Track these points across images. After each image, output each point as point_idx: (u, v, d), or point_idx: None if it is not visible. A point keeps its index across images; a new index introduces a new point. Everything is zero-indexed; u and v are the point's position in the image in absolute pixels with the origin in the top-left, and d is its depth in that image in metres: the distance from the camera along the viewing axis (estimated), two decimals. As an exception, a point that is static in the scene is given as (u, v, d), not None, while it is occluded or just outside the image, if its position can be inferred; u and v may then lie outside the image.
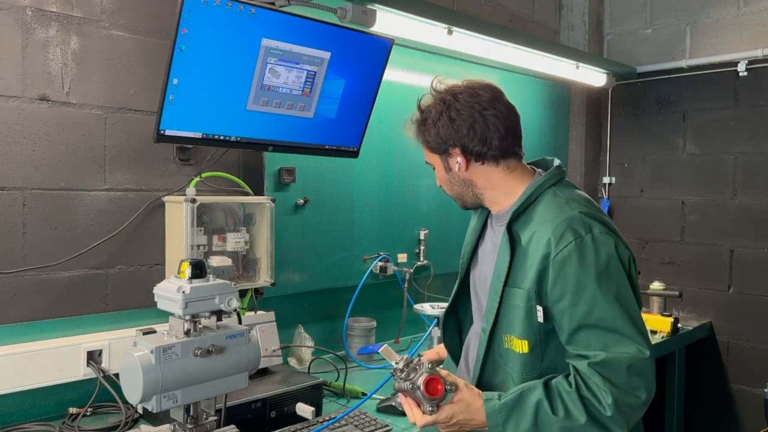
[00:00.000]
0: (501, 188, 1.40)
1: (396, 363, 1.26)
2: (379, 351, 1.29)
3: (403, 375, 1.24)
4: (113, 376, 1.77)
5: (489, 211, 1.49)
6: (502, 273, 1.32)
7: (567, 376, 1.25)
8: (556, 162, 1.42)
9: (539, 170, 1.43)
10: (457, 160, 1.38)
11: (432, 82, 1.45)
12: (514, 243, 1.32)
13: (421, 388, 1.22)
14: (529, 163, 1.45)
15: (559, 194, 1.34)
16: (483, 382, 1.39)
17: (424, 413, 1.23)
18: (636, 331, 1.21)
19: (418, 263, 2.79)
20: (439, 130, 1.37)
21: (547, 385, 1.24)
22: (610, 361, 1.18)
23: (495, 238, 1.42)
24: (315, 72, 1.97)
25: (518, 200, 1.35)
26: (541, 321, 1.27)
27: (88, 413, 1.75)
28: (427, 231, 2.82)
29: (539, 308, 1.27)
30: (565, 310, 1.23)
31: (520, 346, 1.31)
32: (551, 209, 1.31)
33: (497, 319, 1.34)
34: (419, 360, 1.26)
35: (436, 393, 1.23)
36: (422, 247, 2.81)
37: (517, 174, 1.40)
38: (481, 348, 1.39)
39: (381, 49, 2.10)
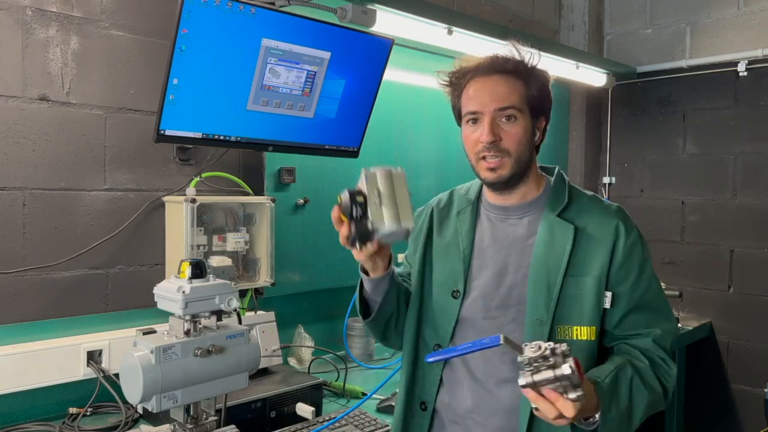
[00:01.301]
0: (534, 176, 1.37)
1: (535, 350, 1.02)
2: (501, 342, 1.02)
3: (551, 362, 1.01)
4: (113, 376, 1.77)
5: (477, 206, 1.42)
6: (559, 263, 1.28)
7: (633, 354, 1.29)
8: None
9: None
10: (540, 129, 1.35)
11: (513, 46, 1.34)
12: (577, 232, 1.30)
13: (577, 376, 1.01)
14: None
15: (582, 190, 1.41)
16: None
17: (573, 401, 1.03)
18: (671, 308, 1.38)
19: (418, 263, 2.78)
20: (546, 96, 1.35)
21: (632, 363, 1.26)
22: (665, 334, 1.31)
23: (504, 230, 1.36)
24: (315, 72, 1.97)
25: (563, 191, 1.36)
26: (608, 307, 1.29)
27: (88, 413, 1.75)
28: (427, 231, 2.81)
29: (608, 294, 1.29)
30: (624, 292, 1.29)
31: (587, 333, 1.28)
32: (596, 201, 1.38)
33: (556, 310, 1.27)
34: (548, 343, 1.04)
35: (582, 376, 1.05)
36: (422, 247, 2.80)
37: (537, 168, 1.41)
38: (543, 336, 1.26)
39: (381, 49, 2.10)
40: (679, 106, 3.48)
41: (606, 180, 3.73)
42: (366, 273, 1.33)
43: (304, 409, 1.75)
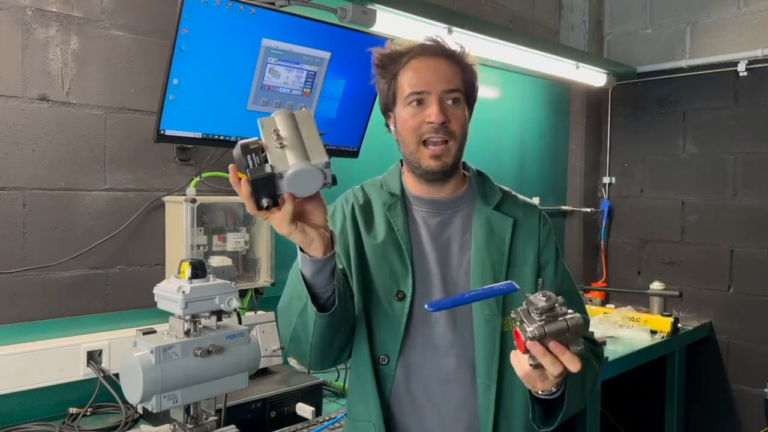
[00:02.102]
0: (461, 170, 1.35)
1: (546, 300, 0.97)
2: (517, 288, 0.97)
3: (561, 310, 0.97)
4: (113, 376, 1.77)
5: (401, 199, 1.32)
6: (501, 255, 1.27)
7: None
8: None
9: None
10: (469, 120, 1.31)
11: (436, 36, 1.30)
12: (515, 224, 1.32)
13: (580, 321, 0.97)
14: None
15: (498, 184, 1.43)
16: (505, 372, 1.22)
17: (578, 354, 0.98)
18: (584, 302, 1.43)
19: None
20: (476, 88, 1.32)
21: None
22: (587, 322, 1.35)
23: (439, 226, 1.30)
24: (315, 72, 1.97)
25: (491, 184, 1.37)
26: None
27: (88, 413, 1.74)
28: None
29: (540, 280, 1.31)
30: (549, 278, 1.32)
31: None
32: (515, 194, 1.41)
33: (504, 302, 1.25)
34: (551, 296, 0.99)
35: None
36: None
37: None
38: (493, 335, 1.23)
39: (381, 49, 2.10)
40: (679, 106, 3.48)
41: (606, 180, 3.74)
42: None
43: (304, 409, 1.75)
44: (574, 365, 0.97)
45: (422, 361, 1.25)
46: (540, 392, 1.08)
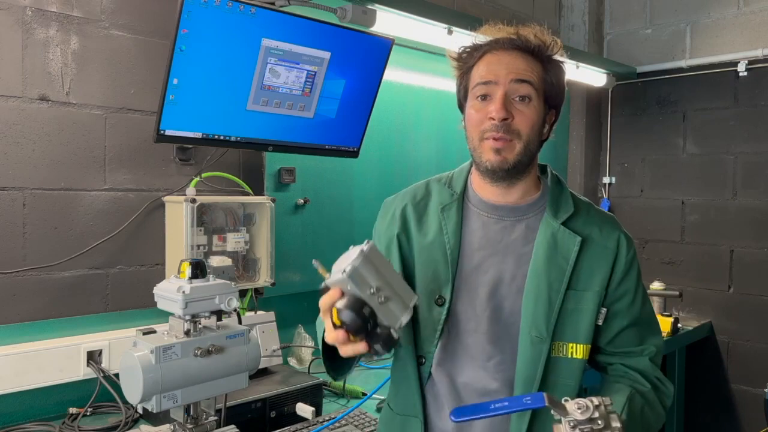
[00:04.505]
0: (534, 174, 1.25)
1: (583, 411, 0.95)
2: (546, 403, 0.93)
3: (600, 424, 0.94)
4: (113, 376, 1.77)
5: (464, 201, 1.27)
6: (562, 275, 1.17)
7: (635, 379, 1.22)
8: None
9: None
10: (549, 123, 1.24)
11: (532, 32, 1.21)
12: (583, 243, 1.20)
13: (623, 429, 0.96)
14: None
15: (578, 195, 1.31)
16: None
17: None
18: (658, 321, 1.31)
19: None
20: (562, 88, 1.24)
21: (639, 392, 1.19)
22: (659, 351, 1.26)
23: (498, 233, 1.22)
24: (315, 72, 1.97)
25: (565, 196, 1.25)
26: (601, 323, 1.20)
27: (88, 413, 1.74)
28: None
29: (603, 310, 1.20)
30: (622, 309, 1.22)
31: (582, 352, 1.19)
32: (595, 210, 1.27)
33: (555, 327, 1.17)
34: (591, 399, 0.97)
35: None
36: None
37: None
38: (537, 359, 1.16)
39: (381, 49, 2.10)
40: (679, 106, 3.48)
41: (606, 180, 3.74)
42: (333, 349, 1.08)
43: (304, 409, 1.75)
44: None
45: (457, 369, 1.21)
46: None
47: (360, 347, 1.00)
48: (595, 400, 0.95)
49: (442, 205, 1.26)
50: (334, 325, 0.99)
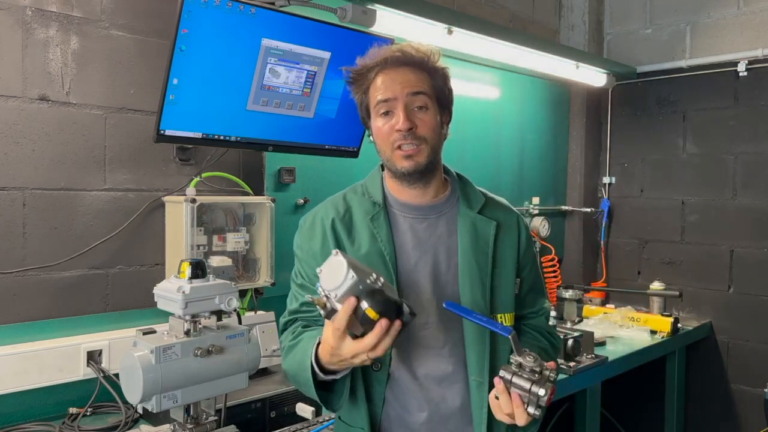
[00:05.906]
0: (441, 172, 1.38)
1: (531, 361, 1.13)
2: (510, 337, 1.13)
3: (535, 377, 1.13)
4: (113, 376, 1.77)
5: (384, 208, 1.34)
6: (486, 258, 1.33)
7: (536, 338, 1.42)
8: None
9: None
10: (446, 123, 1.36)
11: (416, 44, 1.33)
12: (498, 227, 1.36)
13: (545, 400, 1.12)
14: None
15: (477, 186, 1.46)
16: (497, 369, 1.24)
17: (529, 416, 1.13)
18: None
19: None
20: (449, 90, 1.35)
21: (541, 347, 1.39)
22: (549, 308, 1.50)
23: (425, 231, 1.33)
24: (315, 72, 1.97)
25: (473, 188, 1.41)
26: (517, 292, 1.38)
27: (88, 413, 1.74)
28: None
29: (517, 280, 1.38)
30: (526, 277, 1.41)
31: (510, 320, 1.35)
32: (494, 197, 1.44)
33: (491, 302, 1.32)
34: (546, 366, 1.15)
35: (549, 403, 1.15)
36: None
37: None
38: (483, 334, 1.29)
39: (381, 49, 2.10)
40: (679, 106, 3.48)
41: (606, 180, 3.74)
42: (331, 372, 1.20)
43: (304, 409, 1.75)
44: (519, 420, 1.14)
45: (416, 363, 1.30)
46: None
47: (397, 325, 1.10)
48: (545, 365, 1.15)
49: (369, 215, 1.34)
50: (371, 321, 1.07)
